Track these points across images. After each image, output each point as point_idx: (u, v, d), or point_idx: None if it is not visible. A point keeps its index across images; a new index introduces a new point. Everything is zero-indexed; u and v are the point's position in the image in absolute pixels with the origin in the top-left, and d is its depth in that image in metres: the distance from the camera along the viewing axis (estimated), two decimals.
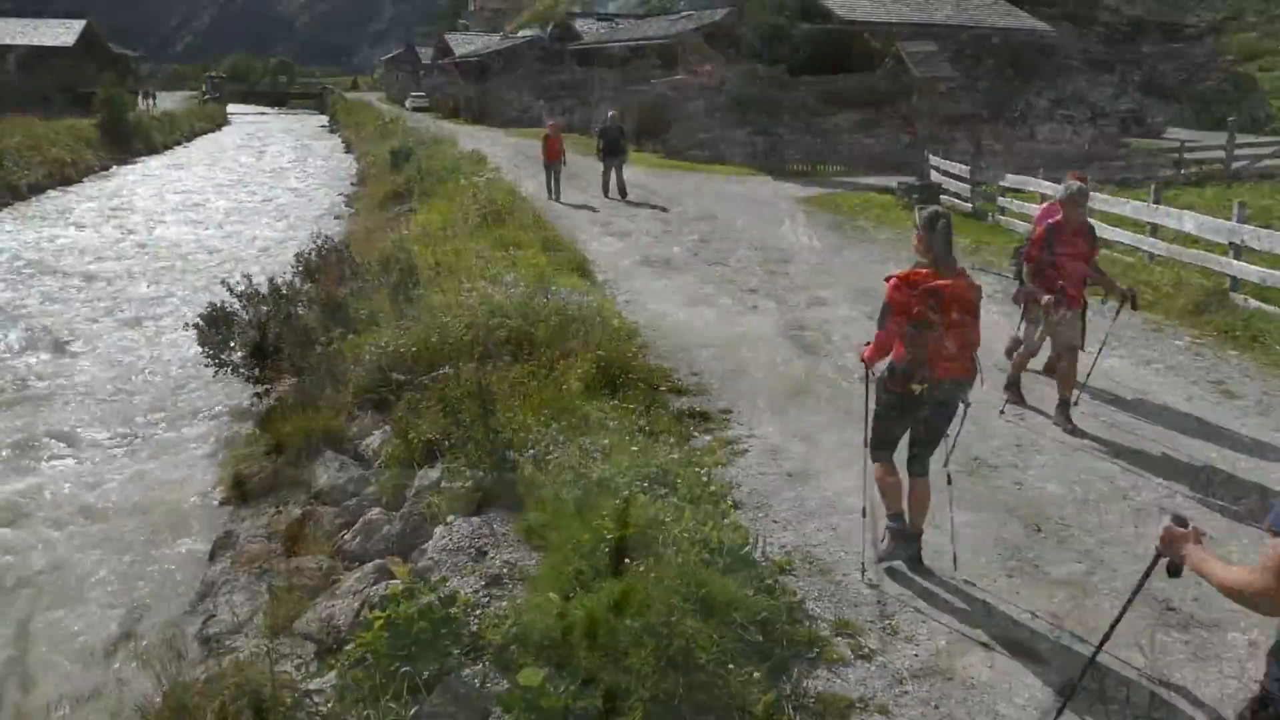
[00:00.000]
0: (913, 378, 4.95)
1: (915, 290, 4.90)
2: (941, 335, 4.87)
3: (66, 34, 61.63)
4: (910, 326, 4.91)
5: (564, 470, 5.93)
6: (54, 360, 13.91)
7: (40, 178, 34.96)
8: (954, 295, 4.88)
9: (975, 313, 5.04)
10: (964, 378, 5.06)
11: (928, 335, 4.86)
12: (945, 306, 4.85)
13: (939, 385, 4.96)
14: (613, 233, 16.83)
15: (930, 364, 4.92)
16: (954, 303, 4.88)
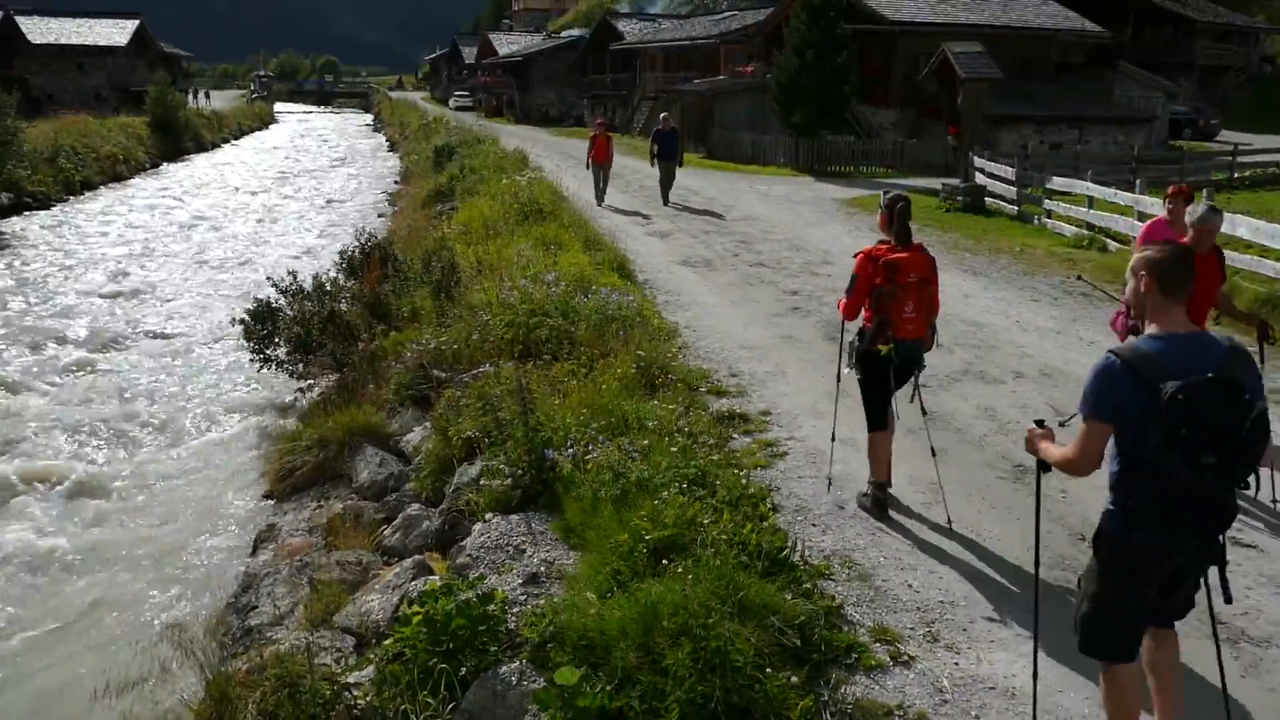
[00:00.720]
0: (879, 339, 5.76)
1: (877, 263, 5.76)
2: (901, 300, 5.74)
3: (120, 33, 62.91)
4: (874, 295, 5.76)
5: (603, 470, 5.93)
6: (104, 353, 14.19)
7: (93, 174, 35.73)
8: (910, 265, 5.77)
9: (931, 279, 5.90)
10: (921, 337, 5.95)
11: (889, 302, 5.72)
12: (902, 275, 5.73)
13: (902, 345, 5.79)
14: (653, 233, 16.83)
15: (893, 326, 5.76)
16: (910, 270, 5.76)
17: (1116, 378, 3.28)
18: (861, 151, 29.95)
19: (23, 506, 9.13)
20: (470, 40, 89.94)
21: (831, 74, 27.72)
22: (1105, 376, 3.32)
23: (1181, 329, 3.35)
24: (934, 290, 5.99)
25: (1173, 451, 3.16)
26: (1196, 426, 3.13)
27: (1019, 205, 19.08)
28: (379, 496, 8.08)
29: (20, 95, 33.68)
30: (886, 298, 5.73)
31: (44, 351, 14.32)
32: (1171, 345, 3.29)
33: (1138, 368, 3.24)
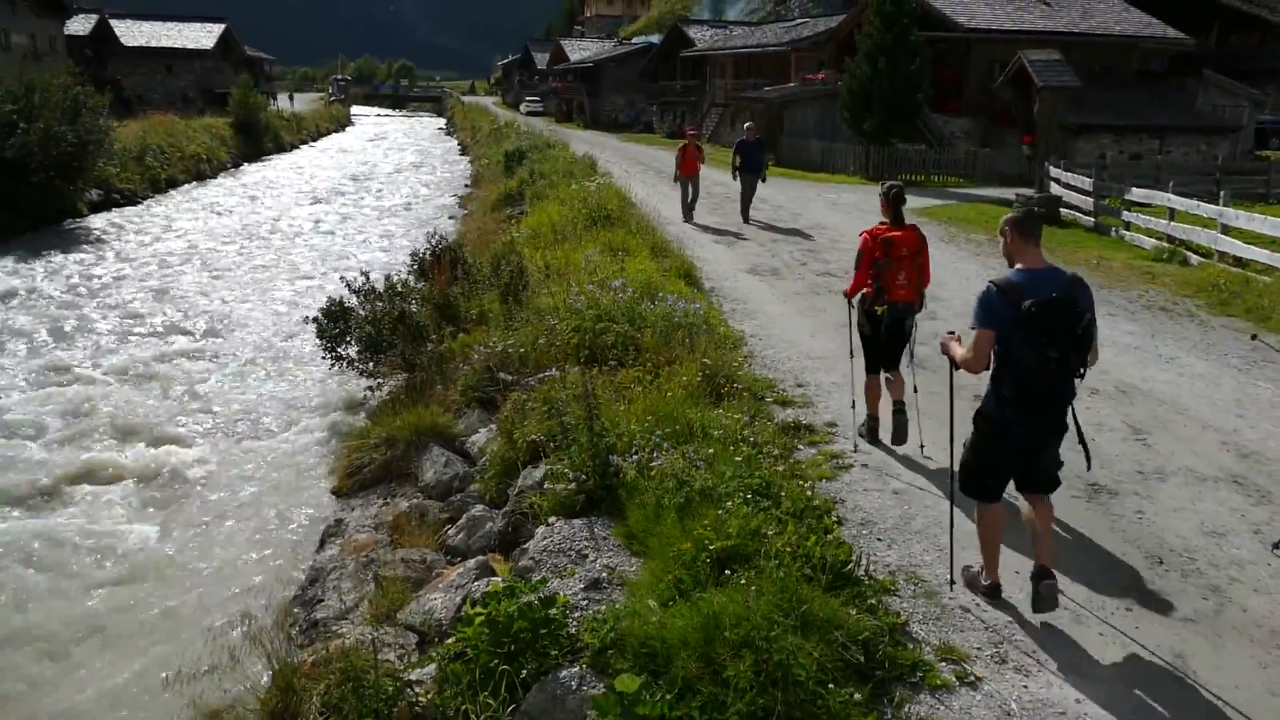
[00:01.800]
0: (877, 301, 7.05)
1: (877, 239, 6.97)
2: (895, 269, 6.96)
3: (207, 37, 64.90)
4: (874, 266, 6.97)
5: (666, 478, 5.92)
6: (180, 347, 14.61)
7: (177, 173, 36.91)
8: (902, 241, 6.98)
9: (921, 253, 7.09)
10: (911, 301, 7.12)
11: (884, 271, 6.95)
12: (896, 250, 6.95)
13: (894, 306, 7.05)
14: (721, 240, 16.79)
15: (888, 290, 7.00)
16: (903, 246, 6.97)
17: (994, 299, 4.66)
18: (933, 160, 29.54)
19: (98, 497, 9.45)
20: (542, 46, 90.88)
21: (904, 81, 27.40)
22: (986, 299, 4.70)
23: (1038, 265, 4.74)
24: (924, 263, 7.16)
25: (1028, 347, 4.55)
26: (1044, 330, 4.52)
27: (1096, 217, 18.63)
28: (444, 496, 8.18)
29: (113, 96, 34.88)
30: (883, 268, 6.96)
31: (123, 345, 14.81)
32: (1030, 276, 4.67)
33: (1007, 291, 4.61)
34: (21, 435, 10.91)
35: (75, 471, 9.82)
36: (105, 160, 28.98)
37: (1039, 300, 4.51)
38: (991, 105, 31.80)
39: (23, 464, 10.01)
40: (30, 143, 24.72)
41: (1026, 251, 4.78)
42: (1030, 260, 4.76)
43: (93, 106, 27.44)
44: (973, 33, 31.57)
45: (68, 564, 8.18)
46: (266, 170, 44.66)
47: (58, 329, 15.42)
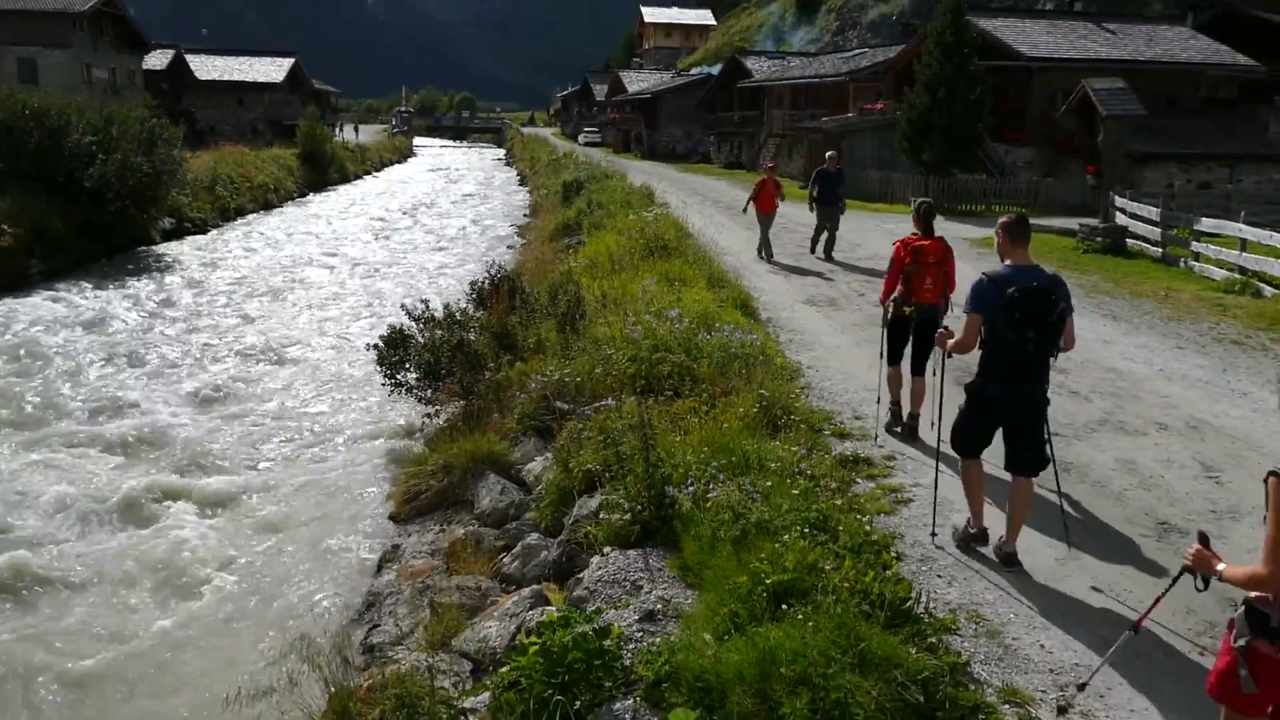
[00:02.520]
0: (906, 303, 7.95)
1: (907, 248, 7.89)
2: (923, 275, 7.84)
3: (277, 71, 66.87)
4: (904, 271, 7.87)
5: (722, 509, 5.88)
6: (244, 372, 14.94)
7: (246, 202, 37.94)
8: (930, 250, 7.86)
9: (946, 261, 7.93)
10: (936, 304, 7.93)
11: (913, 276, 7.85)
12: (924, 257, 7.83)
13: (921, 308, 7.90)
14: (778, 271, 16.74)
15: (916, 294, 7.90)
16: (930, 254, 7.84)
17: (985, 287, 5.56)
18: (994, 190, 29.18)
19: (161, 520, 9.66)
20: (601, 78, 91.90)
21: (964, 111, 27.17)
22: (978, 287, 5.60)
23: (1024, 263, 5.63)
24: (950, 270, 7.95)
25: (1010, 328, 5.44)
26: (1024, 313, 5.40)
27: (1164, 247, 18.22)
28: (499, 524, 8.22)
29: (186, 128, 36.08)
30: (912, 273, 7.86)
31: (189, 370, 15.19)
32: (1016, 270, 5.57)
33: (996, 281, 5.51)
34: (90, 457, 11.23)
35: (140, 494, 10.06)
36: (178, 190, 29.86)
37: (1021, 288, 5.43)
38: (1054, 134, 31.38)
39: (91, 485, 10.28)
40: (108, 173, 25.60)
41: (1015, 250, 5.67)
42: (1018, 258, 5.65)
43: (167, 138, 28.33)
44: (1034, 62, 31.23)
45: (132, 584, 8.37)
46: (331, 200, 45.70)
47: (128, 354, 15.88)
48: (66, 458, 11.17)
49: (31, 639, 7.48)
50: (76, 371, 14.85)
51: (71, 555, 8.77)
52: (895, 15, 70.70)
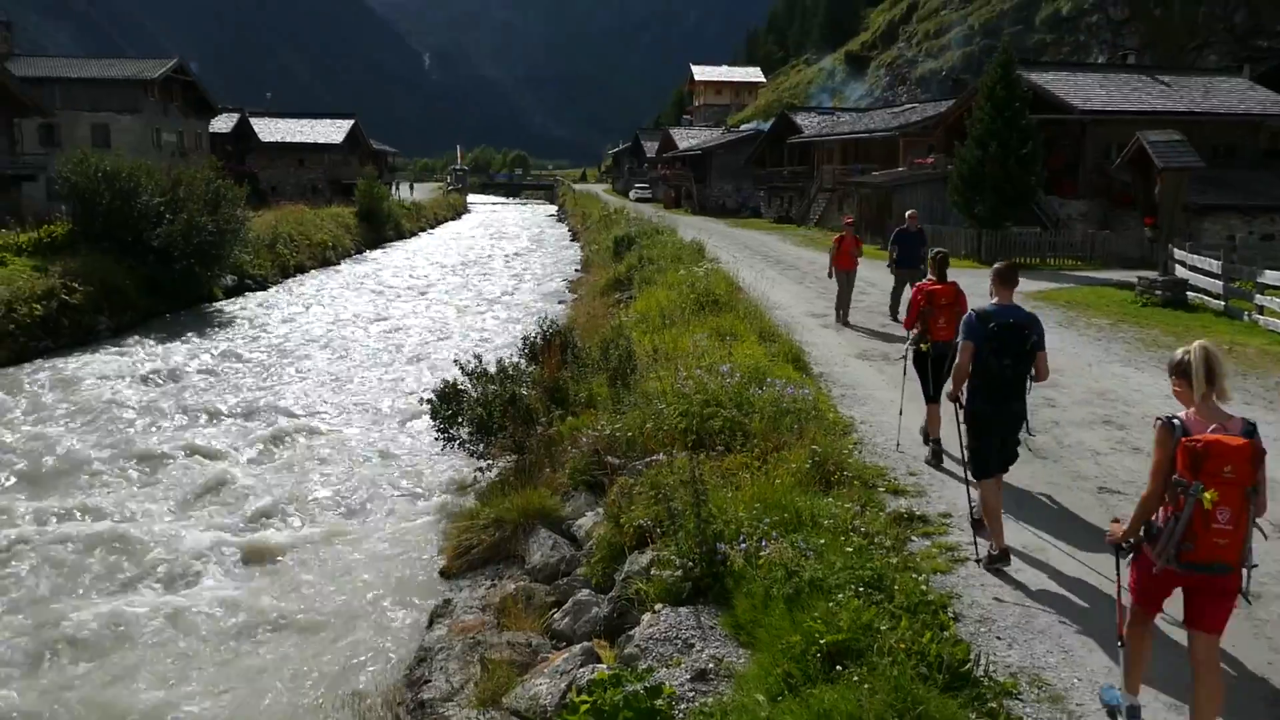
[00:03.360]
0: (923, 340, 8.89)
1: (923, 292, 8.86)
2: (937, 315, 8.78)
3: (337, 133, 68.87)
4: (920, 312, 8.85)
5: (775, 567, 5.82)
6: (301, 424, 15.19)
7: (305, 259, 38.93)
8: (942, 293, 8.80)
9: (958, 302, 8.69)
10: (950, 340, 8.30)
11: (928, 317, 8.83)
12: (938, 299, 8.79)
13: (936, 344, 8.80)
14: (829, 325, 16.68)
15: (932, 332, 8.82)
16: (943, 297, 8.78)
17: (973, 321, 6.56)
18: (1049, 243, 28.88)
19: (215, 570, 9.82)
20: (651, 135, 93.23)
21: (1016, 165, 27.02)
22: (968, 320, 6.62)
23: (1007, 303, 6.66)
24: (962, 310, 8.22)
25: (991, 357, 6.48)
26: (1000, 343, 6.46)
27: (1226, 300, 17.83)
28: (550, 579, 8.21)
29: (250, 188, 37.22)
30: (927, 314, 8.82)
31: (246, 421, 15.50)
32: (999, 309, 6.60)
33: (982, 316, 6.54)
34: (149, 509, 11.47)
35: (197, 546, 10.24)
36: (240, 248, 30.73)
37: (1000, 322, 6.50)
38: (1109, 187, 31.05)
39: (150, 536, 10.49)
40: (175, 233, 26.48)
41: (1002, 292, 6.72)
42: (1003, 298, 6.70)
43: (231, 198, 29.26)
44: (1088, 115, 31.04)
45: (186, 636, 8.48)
46: (387, 256, 46.65)
47: (189, 407, 16.25)
48: (127, 509, 11.42)
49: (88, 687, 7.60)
50: (138, 425, 15.23)
51: (129, 605, 8.92)
52: (945, 71, 71.00)
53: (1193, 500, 4.16)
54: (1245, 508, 4.21)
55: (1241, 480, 4.17)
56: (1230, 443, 4.18)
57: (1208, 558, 4.22)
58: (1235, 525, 4.18)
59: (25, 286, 21.84)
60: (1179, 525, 4.21)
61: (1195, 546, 4.21)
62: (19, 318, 20.91)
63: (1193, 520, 4.18)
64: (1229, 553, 4.22)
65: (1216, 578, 4.30)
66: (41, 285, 22.34)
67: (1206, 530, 4.17)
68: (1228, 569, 4.27)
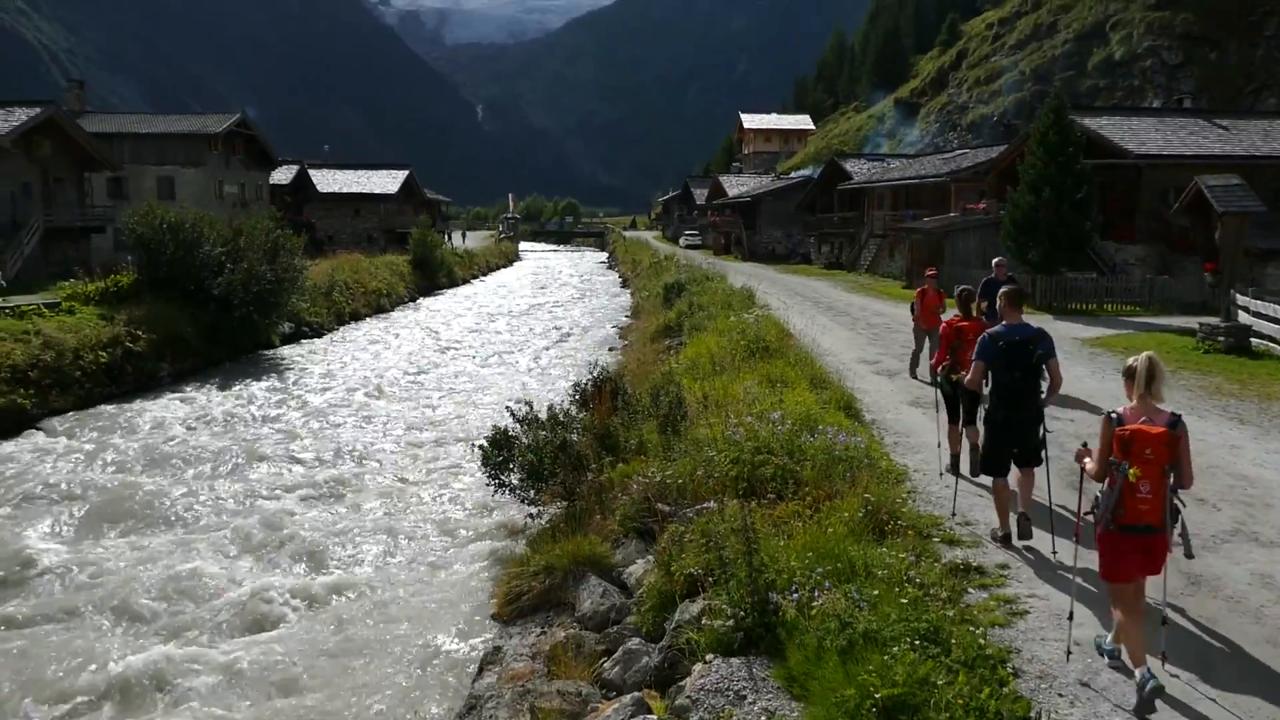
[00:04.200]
0: (954, 371, 9.32)
1: (952, 328, 9.51)
2: (965, 349, 8.95)
3: (392, 183, 70.37)
4: (950, 345, 9.48)
5: (828, 618, 5.74)
6: (354, 469, 15.39)
7: (360, 307, 39.65)
8: (969, 329, 9.26)
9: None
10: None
11: (958, 350, 9.30)
12: (965, 335, 9.24)
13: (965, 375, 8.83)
14: (881, 371, 16.54)
15: (962, 364, 9.02)
16: (970, 332, 9.11)
17: (986, 342, 7.51)
18: (1105, 288, 28.43)
19: (267, 613, 9.93)
20: (701, 182, 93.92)
21: (1070, 210, 26.74)
22: (982, 342, 7.58)
23: (1016, 323, 7.57)
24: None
25: (1003, 371, 7.44)
26: (1009, 359, 7.41)
27: None
28: (600, 627, 8.17)
29: (307, 237, 38.12)
30: (957, 348, 9.39)
31: (300, 466, 15.74)
32: (1009, 329, 7.53)
33: (993, 337, 7.50)
34: (205, 551, 11.67)
35: (249, 590, 10.38)
36: (298, 296, 31.41)
37: (1008, 340, 7.49)
38: (1167, 231, 30.57)
39: (203, 580, 10.66)
40: (235, 281, 27.19)
41: (1011, 314, 7.64)
42: (1011, 319, 7.62)
43: (289, 247, 29.99)
44: (1143, 159, 30.67)
45: (236, 681, 8.56)
46: (440, 303, 47.33)
47: (245, 452, 16.55)
48: (183, 553, 11.62)
49: None
50: (195, 470, 15.54)
51: (180, 648, 9.04)
52: (996, 116, 70.74)
53: (1121, 475, 5.36)
54: (1163, 482, 5.35)
55: (1159, 460, 5.33)
56: (1150, 431, 5.37)
57: (1134, 520, 5.38)
58: (1155, 495, 5.34)
59: (92, 335, 22.52)
60: (1113, 495, 5.39)
61: (1125, 511, 5.38)
62: (85, 365, 21.54)
63: (1122, 491, 5.36)
64: (1151, 516, 5.36)
65: (1144, 536, 5.41)
66: (107, 333, 23.01)
67: (1133, 499, 5.35)
68: (1152, 529, 5.39)
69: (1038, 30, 77.55)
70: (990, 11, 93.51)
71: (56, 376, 20.50)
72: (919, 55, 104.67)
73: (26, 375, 19.65)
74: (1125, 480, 5.34)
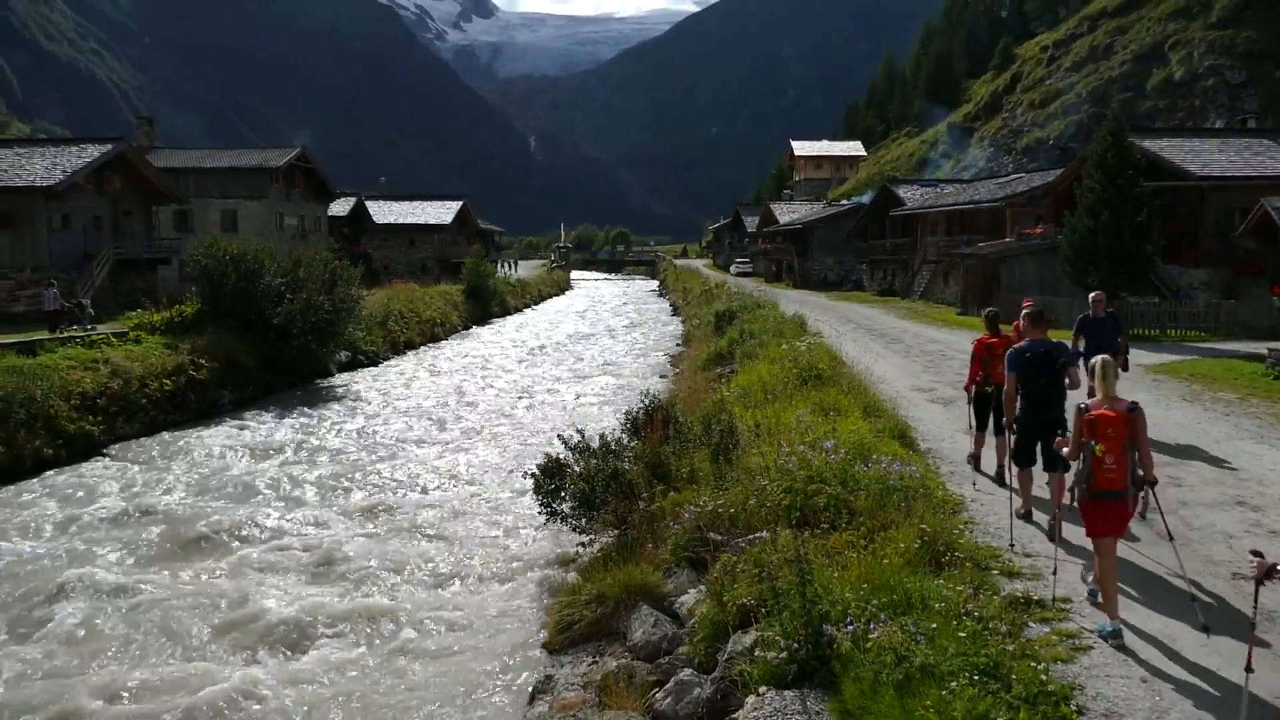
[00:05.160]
0: (987, 384, 10.61)
1: (983, 345, 10.67)
2: (995, 364, 10.16)
3: (446, 214, 71.42)
4: (982, 360, 10.65)
5: (884, 651, 5.63)
6: (406, 496, 15.54)
7: (414, 336, 40.17)
8: (998, 345, 10.31)
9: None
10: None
11: (989, 365, 10.48)
12: (995, 351, 10.31)
13: (997, 387, 10.07)
14: (936, 399, 16.31)
15: (993, 377, 10.35)
16: (999, 348, 10.10)
17: (1014, 355, 8.76)
18: (1169, 313, 27.78)
19: (320, 640, 10.03)
20: (752, 210, 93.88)
21: (1131, 234, 26.23)
22: (1012, 354, 8.82)
23: (1037, 338, 8.82)
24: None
25: (1029, 378, 8.66)
26: (1035, 368, 8.65)
27: None
28: (652, 657, 8.11)
29: (364, 268, 38.78)
30: (988, 363, 10.51)
31: (354, 492, 15.92)
32: (1032, 343, 8.75)
33: (1019, 350, 8.75)
34: (260, 576, 11.84)
35: (302, 616, 10.48)
36: (354, 325, 31.93)
37: (1032, 353, 8.70)
38: (1233, 254, 29.87)
39: (257, 605, 10.80)
40: (294, 311, 27.73)
41: (1033, 331, 8.94)
42: (1034, 335, 8.89)
43: (346, 278, 30.53)
44: (1206, 181, 30.06)
45: (291, 704, 8.63)
46: (493, 332, 47.79)
47: (301, 479, 16.80)
48: (240, 578, 11.80)
49: None
50: (253, 495, 15.80)
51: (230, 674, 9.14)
52: (1052, 139, 69.84)
53: (1089, 451, 6.55)
54: (1124, 455, 6.52)
55: (1119, 438, 6.50)
56: (1109, 414, 6.55)
57: (1103, 487, 6.56)
58: (1118, 467, 6.52)
59: (157, 363, 23.10)
60: (1085, 468, 6.59)
61: (1094, 481, 6.55)
62: (150, 393, 22.09)
63: (1091, 465, 6.55)
64: (1116, 483, 6.54)
65: (1111, 502, 6.59)
66: (172, 362, 23.60)
67: (1100, 470, 6.54)
68: (1118, 494, 6.56)
69: (1094, 52, 76.59)
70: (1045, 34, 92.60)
71: (123, 404, 21.05)
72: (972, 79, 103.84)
73: (95, 402, 20.20)
74: (1093, 454, 6.52)
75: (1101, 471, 6.49)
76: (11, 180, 32.55)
